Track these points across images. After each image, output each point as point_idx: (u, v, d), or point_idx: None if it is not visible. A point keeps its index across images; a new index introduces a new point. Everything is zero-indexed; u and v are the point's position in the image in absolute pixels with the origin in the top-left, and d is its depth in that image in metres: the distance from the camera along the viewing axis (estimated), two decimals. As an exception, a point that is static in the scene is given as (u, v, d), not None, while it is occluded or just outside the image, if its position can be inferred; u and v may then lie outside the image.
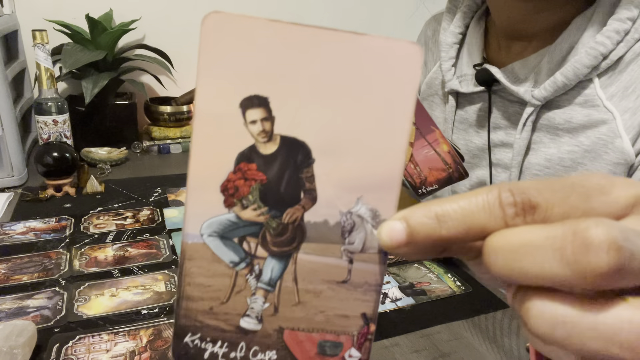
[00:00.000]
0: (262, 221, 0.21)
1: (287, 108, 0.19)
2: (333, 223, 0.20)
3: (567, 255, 0.16)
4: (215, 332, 0.21)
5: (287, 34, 0.19)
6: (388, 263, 0.66)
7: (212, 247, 0.21)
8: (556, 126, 0.53)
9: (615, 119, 0.49)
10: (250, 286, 0.21)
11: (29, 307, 0.54)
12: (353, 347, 0.21)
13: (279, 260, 0.21)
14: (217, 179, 0.20)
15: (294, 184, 0.20)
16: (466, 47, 0.64)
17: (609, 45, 0.49)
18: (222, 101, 0.19)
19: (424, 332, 0.53)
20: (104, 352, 0.48)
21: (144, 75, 1.24)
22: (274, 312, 0.21)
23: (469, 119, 0.63)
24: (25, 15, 1.10)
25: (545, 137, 0.55)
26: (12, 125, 0.85)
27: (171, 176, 0.96)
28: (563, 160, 0.53)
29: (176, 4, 1.24)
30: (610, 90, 0.50)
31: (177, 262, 0.64)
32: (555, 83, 0.51)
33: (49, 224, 0.73)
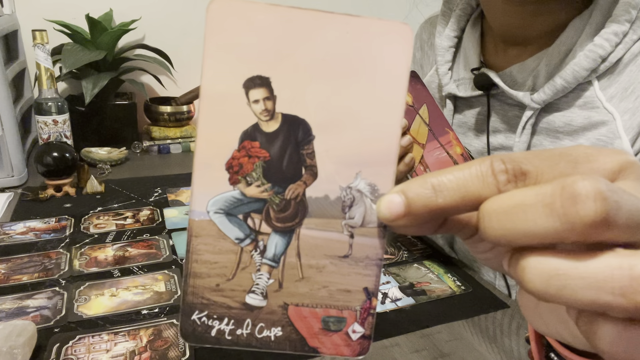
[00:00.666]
0: (266, 197, 0.21)
1: (288, 87, 0.20)
2: (333, 198, 0.21)
3: (557, 209, 0.16)
4: (222, 309, 0.21)
5: (286, 17, 0.20)
6: (388, 263, 0.66)
7: (218, 223, 0.21)
8: (556, 129, 0.53)
9: (615, 120, 0.49)
10: (255, 262, 0.21)
11: (29, 307, 0.54)
12: (356, 322, 0.22)
13: (282, 236, 0.21)
14: (222, 157, 0.21)
15: (296, 160, 0.21)
16: (463, 51, 0.63)
17: (607, 47, 0.49)
18: (227, 82, 0.20)
19: (424, 332, 0.53)
20: (104, 352, 0.48)
21: (144, 75, 1.24)
22: (279, 288, 0.21)
23: (468, 122, 0.63)
24: (25, 15, 1.10)
25: (545, 140, 0.54)
26: (12, 125, 0.85)
27: (171, 176, 0.96)
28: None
29: (176, 4, 1.24)
30: (609, 91, 0.50)
31: (177, 262, 0.64)
32: (554, 86, 0.51)
33: (49, 224, 0.73)
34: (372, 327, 0.22)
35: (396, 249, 0.70)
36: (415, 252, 0.70)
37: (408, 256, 0.68)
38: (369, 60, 0.20)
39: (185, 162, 1.05)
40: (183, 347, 0.48)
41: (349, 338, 0.22)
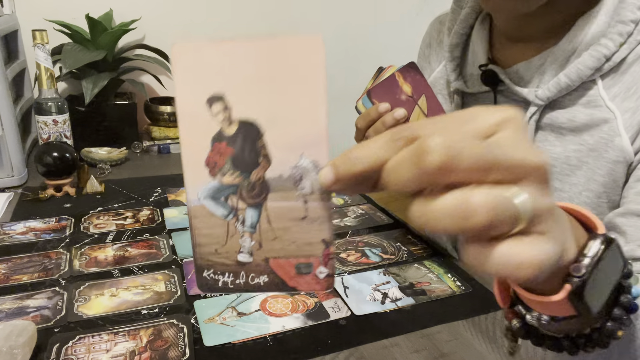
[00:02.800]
0: (237, 183, 0.28)
1: (238, 99, 0.27)
2: (286, 175, 0.28)
3: (415, 161, 0.22)
4: (222, 267, 0.29)
5: (227, 49, 0.27)
6: (388, 263, 0.66)
7: (207, 206, 0.29)
8: (560, 125, 0.54)
9: (616, 119, 0.50)
10: (239, 231, 0.29)
11: (29, 307, 0.54)
12: (321, 265, 0.29)
13: (254, 209, 0.29)
14: (201, 158, 0.28)
15: (254, 151, 0.28)
16: (471, 47, 0.64)
17: (612, 47, 0.49)
18: (194, 102, 0.27)
19: (424, 332, 0.53)
20: (104, 352, 0.48)
21: (144, 75, 1.24)
22: (259, 247, 0.29)
23: None
24: (25, 15, 1.10)
25: (550, 135, 0.55)
26: (12, 125, 0.85)
27: (171, 176, 0.96)
28: (569, 158, 0.53)
29: (176, 4, 1.24)
30: (613, 91, 0.51)
31: (177, 262, 0.64)
32: (558, 84, 0.52)
33: (49, 224, 0.73)
34: (333, 268, 0.29)
35: (396, 249, 0.70)
36: (415, 252, 0.70)
37: (408, 256, 0.68)
38: (291, 70, 0.26)
39: (185, 162, 1.05)
40: (183, 347, 0.48)
41: (317, 277, 0.29)
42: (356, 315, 0.55)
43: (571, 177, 0.53)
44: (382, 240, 0.73)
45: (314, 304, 0.57)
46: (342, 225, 0.77)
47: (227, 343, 0.50)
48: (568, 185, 0.54)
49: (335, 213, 0.82)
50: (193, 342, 0.49)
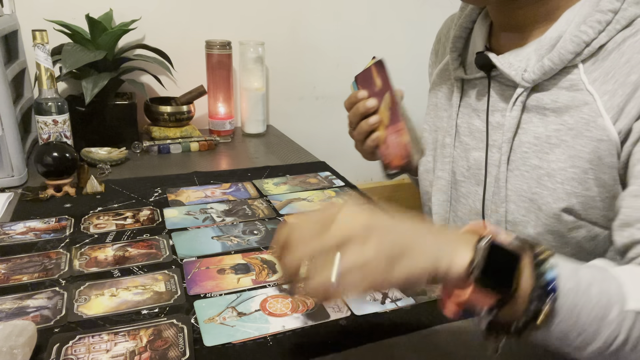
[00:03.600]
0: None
1: None
2: None
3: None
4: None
5: None
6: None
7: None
8: (544, 106, 0.58)
9: (595, 101, 0.54)
10: None
11: (29, 307, 0.54)
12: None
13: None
14: None
15: None
16: (473, 38, 0.69)
17: (591, 33, 0.54)
18: None
19: (424, 332, 0.53)
20: (104, 352, 0.48)
21: (144, 75, 1.24)
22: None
23: (472, 103, 0.67)
24: (25, 15, 1.10)
25: (534, 117, 0.59)
26: (12, 125, 0.85)
27: (171, 176, 0.96)
28: (550, 137, 0.57)
29: (176, 4, 1.24)
30: (593, 75, 0.55)
31: (177, 262, 0.64)
32: (542, 67, 0.57)
33: (49, 224, 0.73)
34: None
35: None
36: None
37: (408, 256, 0.68)
38: None
39: (185, 162, 1.06)
40: (183, 347, 0.49)
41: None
42: (356, 315, 0.55)
43: (549, 155, 0.57)
44: (382, 240, 0.73)
45: (314, 304, 0.57)
46: (342, 225, 0.77)
47: (227, 343, 0.50)
48: (546, 162, 0.57)
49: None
50: (193, 342, 0.49)
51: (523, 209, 0.60)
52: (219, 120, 1.25)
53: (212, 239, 0.71)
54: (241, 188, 0.91)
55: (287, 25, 1.38)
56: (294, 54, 1.41)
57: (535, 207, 0.58)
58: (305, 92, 1.48)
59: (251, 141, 1.26)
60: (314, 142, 1.37)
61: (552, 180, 0.57)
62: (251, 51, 1.25)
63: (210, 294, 0.58)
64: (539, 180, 0.58)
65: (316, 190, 0.92)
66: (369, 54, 1.58)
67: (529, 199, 0.59)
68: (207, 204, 0.83)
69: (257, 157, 1.12)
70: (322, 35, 1.42)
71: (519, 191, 0.60)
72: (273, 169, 1.03)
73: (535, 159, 0.58)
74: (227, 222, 0.77)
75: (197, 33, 1.26)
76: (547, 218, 0.57)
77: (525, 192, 0.59)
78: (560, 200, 0.56)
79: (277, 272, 0.63)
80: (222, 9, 1.29)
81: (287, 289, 0.54)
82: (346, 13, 1.43)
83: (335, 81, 1.50)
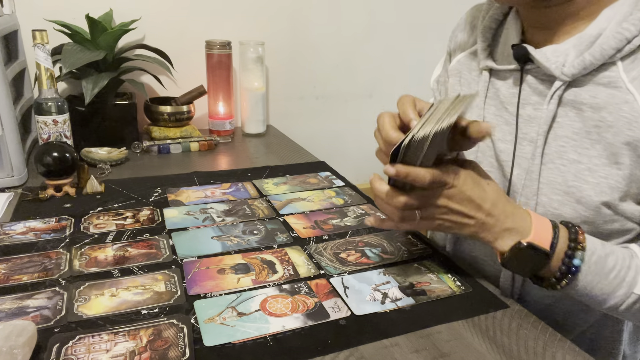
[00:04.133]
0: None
1: None
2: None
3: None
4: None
5: None
6: (389, 263, 0.66)
7: None
8: (581, 101, 0.58)
9: (636, 100, 0.55)
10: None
11: (29, 307, 0.54)
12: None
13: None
14: None
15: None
16: (505, 31, 0.69)
17: (633, 31, 0.55)
18: None
19: (424, 332, 0.53)
20: (104, 352, 0.48)
21: (144, 75, 1.24)
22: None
23: (501, 95, 0.68)
24: (25, 15, 1.10)
25: (570, 111, 0.60)
26: (12, 125, 0.85)
27: (171, 176, 0.96)
28: (590, 133, 0.58)
29: (176, 4, 1.24)
30: (632, 74, 0.56)
31: (177, 262, 0.64)
32: (583, 61, 0.57)
33: (49, 224, 0.73)
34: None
35: (396, 249, 0.70)
36: (415, 252, 0.70)
37: (408, 256, 0.68)
38: None
39: (185, 162, 1.05)
40: (183, 347, 0.49)
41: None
42: (356, 315, 0.55)
43: (590, 150, 0.58)
44: (382, 240, 0.73)
45: (314, 304, 0.57)
46: (342, 225, 0.77)
47: (227, 343, 0.50)
48: (586, 157, 0.58)
49: (335, 213, 0.82)
50: (193, 342, 0.49)
51: (556, 202, 0.60)
52: (219, 120, 1.25)
53: (212, 239, 0.71)
54: (241, 188, 0.91)
55: (287, 25, 1.38)
56: (294, 54, 1.41)
57: (573, 199, 0.59)
58: (305, 92, 1.48)
59: (251, 141, 1.26)
60: (314, 142, 1.37)
61: (594, 174, 0.57)
62: (251, 51, 1.25)
63: (210, 294, 0.58)
64: (578, 174, 0.58)
65: (316, 190, 0.92)
66: (369, 54, 1.58)
67: (564, 192, 0.60)
68: (207, 204, 0.83)
69: (257, 157, 1.12)
70: (322, 35, 1.42)
71: (552, 184, 0.60)
72: (273, 169, 1.03)
73: (573, 153, 0.59)
74: (227, 222, 0.77)
75: (197, 33, 1.26)
76: (586, 210, 0.58)
77: (560, 184, 0.60)
78: (603, 194, 0.57)
79: (277, 272, 0.63)
80: (222, 9, 1.29)
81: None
82: (346, 13, 1.43)
83: (335, 81, 1.50)
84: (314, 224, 0.77)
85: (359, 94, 1.54)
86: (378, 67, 1.53)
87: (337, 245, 0.71)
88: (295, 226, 0.76)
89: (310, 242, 0.72)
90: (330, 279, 0.62)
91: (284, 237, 0.73)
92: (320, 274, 0.63)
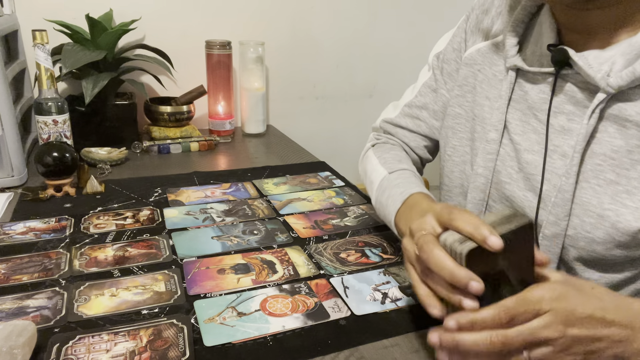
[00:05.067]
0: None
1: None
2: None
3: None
4: None
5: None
6: (388, 263, 0.66)
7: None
8: (626, 117, 0.52)
9: None
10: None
11: (29, 307, 0.54)
12: None
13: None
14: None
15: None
16: (537, 27, 0.61)
17: None
18: None
19: (424, 332, 0.53)
20: (104, 352, 0.48)
21: (144, 75, 1.24)
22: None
23: (529, 100, 0.61)
24: (25, 15, 1.10)
25: (611, 127, 0.53)
26: (12, 125, 0.85)
27: (171, 176, 0.96)
28: (632, 152, 0.52)
29: (176, 4, 1.24)
30: None
31: (177, 262, 0.64)
32: (633, 73, 0.50)
33: (49, 224, 0.73)
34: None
35: (396, 249, 0.70)
36: (415, 252, 0.70)
37: (408, 256, 0.68)
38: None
39: (185, 162, 1.05)
40: (183, 347, 0.49)
41: None
42: (356, 315, 0.55)
43: (630, 171, 0.52)
44: (382, 240, 0.73)
45: (314, 304, 0.57)
46: (342, 225, 0.77)
47: (227, 343, 0.50)
48: (625, 178, 0.52)
49: (335, 213, 0.82)
50: (193, 342, 0.49)
51: (589, 225, 0.54)
52: (219, 120, 1.25)
53: (212, 239, 0.71)
54: (241, 188, 0.91)
55: (287, 25, 1.38)
56: (294, 54, 1.41)
57: (608, 224, 0.53)
58: (305, 91, 1.48)
59: (251, 141, 1.26)
60: (314, 142, 1.37)
61: (633, 198, 0.52)
62: (251, 51, 1.25)
63: (210, 294, 0.58)
64: (615, 196, 0.53)
65: (316, 190, 0.92)
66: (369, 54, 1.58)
67: (598, 215, 0.54)
68: (207, 204, 0.83)
69: (257, 157, 1.12)
70: (322, 35, 1.42)
71: (586, 205, 0.54)
72: (273, 169, 1.03)
73: (611, 173, 0.53)
74: (227, 222, 0.77)
75: (197, 33, 1.26)
76: (621, 235, 0.53)
77: (595, 207, 0.54)
78: None
79: (277, 272, 0.63)
80: (222, 9, 1.29)
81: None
82: (346, 13, 1.43)
83: (335, 81, 1.50)
84: (314, 224, 0.77)
85: (359, 94, 1.54)
86: (378, 67, 1.53)
87: (337, 245, 0.71)
88: (295, 226, 0.76)
89: (310, 242, 0.72)
90: (330, 279, 0.62)
91: (284, 237, 0.73)
92: (320, 274, 0.63)
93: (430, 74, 0.76)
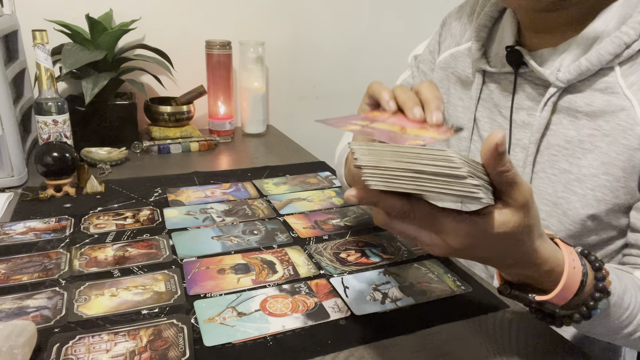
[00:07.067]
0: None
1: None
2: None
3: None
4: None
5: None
6: (388, 263, 0.66)
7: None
8: (576, 109, 0.56)
9: (633, 107, 0.52)
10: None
11: (29, 307, 0.54)
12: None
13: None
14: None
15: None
16: (500, 30, 0.66)
17: (632, 35, 0.52)
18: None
19: (424, 332, 0.53)
20: (104, 352, 0.48)
21: (144, 75, 1.24)
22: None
23: (494, 98, 0.65)
24: (25, 15, 1.10)
25: (564, 119, 0.57)
26: (12, 125, 0.85)
27: (171, 176, 0.96)
28: (582, 142, 0.55)
29: (176, 4, 1.24)
30: (630, 79, 0.53)
31: (177, 262, 0.64)
32: (579, 67, 0.54)
33: (49, 224, 0.73)
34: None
35: (396, 249, 0.70)
36: (415, 252, 0.70)
37: (408, 256, 0.68)
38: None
39: (185, 162, 1.05)
40: (183, 347, 0.49)
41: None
42: (356, 315, 0.55)
43: (581, 160, 0.55)
44: (382, 240, 0.73)
45: (314, 304, 0.57)
46: (342, 225, 0.77)
47: (227, 343, 0.50)
48: (577, 167, 0.56)
49: (335, 213, 0.82)
50: (193, 342, 0.49)
51: (544, 213, 0.58)
52: (219, 120, 1.25)
53: (212, 239, 0.71)
54: (241, 188, 0.91)
55: (287, 25, 1.38)
56: (294, 54, 1.41)
57: (560, 211, 0.57)
58: (305, 92, 1.48)
59: (251, 141, 1.26)
60: (314, 142, 1.37)
61: (582, 186, 0.55)
62: (251, 51, 1.25)
63: (210, 294, 0.58)
64: (567, 184, 0.56)
65: (316, 190, 0.92)
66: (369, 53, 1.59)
67: (552, 203, 0.57)
68: (207, 204, 0.83)
69: (257, 157, 1.12)
70: (322, 35, 1.42)
71: (542, 194, 0.58)
72: (273, 169, 1.03)
73: (564, 162, 0.57)
74: (227, 222, 0.77)
75: (197, 33, 1.26)
76: (571, 223, 0.56)
77: (550, 195, 0.58)
78: (589, 206, 0.55)
79: (277, 272, 0.63)
80: (222, 9, 1.29)
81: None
82: (346, 13, 1.43)
83: (335, 81, 1.50)
84: (314, 224, 0.77)
85: (359, 94, 1.54)
86: (378, 67, 1.53)
87: (337, 245, 0.71)
88: (295, 226, 0.76)
89: (310, 242, 0.72)
90: (330, 279, 0.62)
91: (284, 237, 0.73)
92: (320, 274, 0.63)
93: (409, 72, 0.82)
